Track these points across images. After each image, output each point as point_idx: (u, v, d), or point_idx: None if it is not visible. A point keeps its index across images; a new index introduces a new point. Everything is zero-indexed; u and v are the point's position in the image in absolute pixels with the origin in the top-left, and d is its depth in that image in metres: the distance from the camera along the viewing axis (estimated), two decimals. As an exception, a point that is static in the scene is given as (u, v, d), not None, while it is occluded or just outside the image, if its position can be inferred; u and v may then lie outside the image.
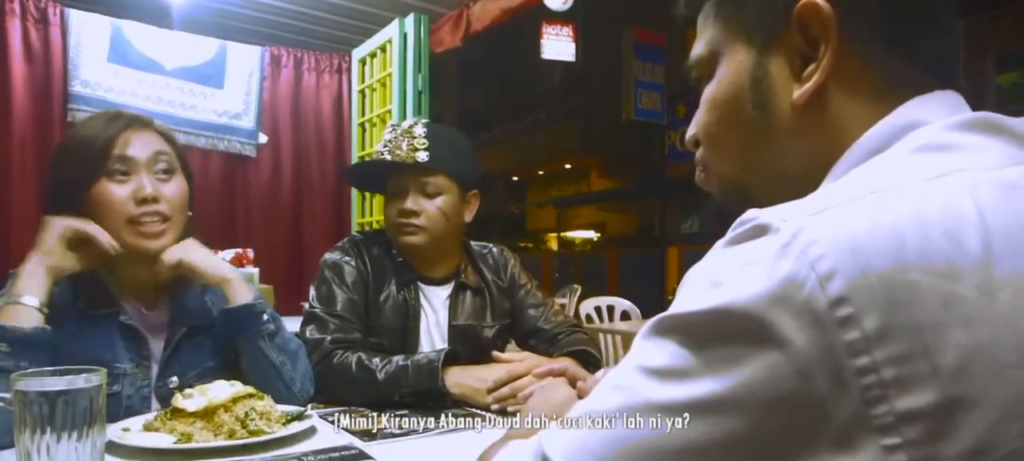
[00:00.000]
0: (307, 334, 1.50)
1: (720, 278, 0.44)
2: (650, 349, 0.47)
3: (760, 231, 0.44)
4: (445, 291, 1.64)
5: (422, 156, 1.53)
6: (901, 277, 0.40)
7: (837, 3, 0.52)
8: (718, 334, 0.43)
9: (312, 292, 1.58)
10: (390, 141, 1.56)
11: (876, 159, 0.50)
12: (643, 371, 0.46)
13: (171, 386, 1.27)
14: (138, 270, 1.29)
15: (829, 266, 0.40)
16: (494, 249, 1.74)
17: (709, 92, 0.61)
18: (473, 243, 1.73)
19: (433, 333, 1.61)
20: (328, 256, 1.62)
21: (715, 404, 0.42)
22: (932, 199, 0.43)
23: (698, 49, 0.62)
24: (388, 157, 1.55)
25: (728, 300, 0.43)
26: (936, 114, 0.50)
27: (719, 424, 0.42)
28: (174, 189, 1.28)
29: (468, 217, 1.63)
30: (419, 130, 1.55)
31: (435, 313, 1.62)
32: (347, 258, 1.60)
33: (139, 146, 1.25)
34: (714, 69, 0.61)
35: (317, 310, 1.53)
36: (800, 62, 0.55)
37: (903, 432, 0.39)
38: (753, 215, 0.46)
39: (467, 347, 1.57)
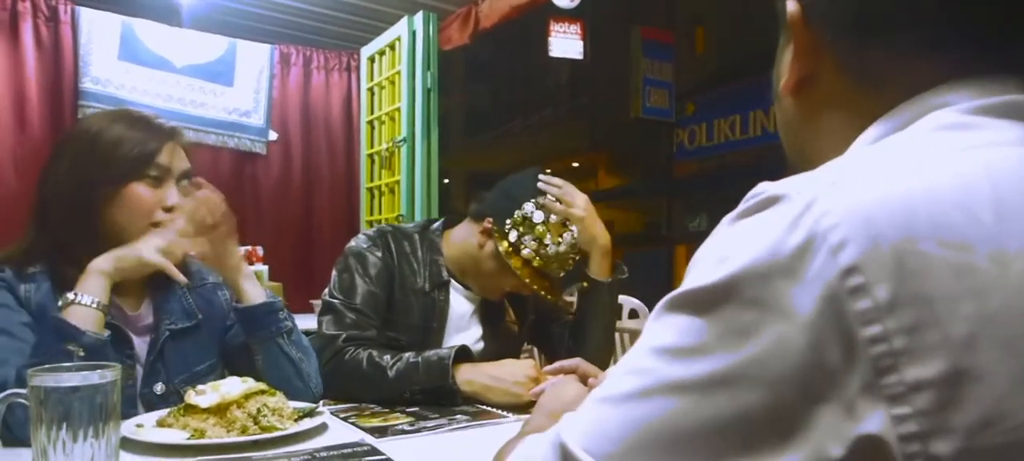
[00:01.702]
0: (323, 326, 1.49)
1: (729, 251, 0.44)
2: (661, 329, 0.46)
3: (771, 202, 0.44)
4: (477, 295, 1.62)
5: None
6: (913, 247, 0.40)
7: (816, 4, 0.55)
8: (728, 307, 0.43)
9: (333, 277, 1.55)
10: (558, 258, 1.52)
11: (893, 137, 0.50)
12: (656, 351, 0.46)
13: (157, 393, 1.27)
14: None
15: (840, 236, 0.40)
16: None
17: None
18: None
19: (456, 336, 1.58)
20: (354, 244, 1.59)
21: (728, 378, 0.42)
22: (946, 172, 0.43)
23: None
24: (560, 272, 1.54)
25: (737, 271, 0.42)
26: (959, 97, 0.50)
27: (733, 398, 0.42)
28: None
29: None
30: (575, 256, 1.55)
31: (463, 316, 1.61)
32: (374, 249, 1.56)
33: (177, 159, 1.29)
34: None
35: (336, 301, 1.50)
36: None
37: (913, 401, 0.39)
38: (763, 188, 0.46)
39: (499, 344, 1.59)
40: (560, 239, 1.49)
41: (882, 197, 0.42)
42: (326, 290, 1.56)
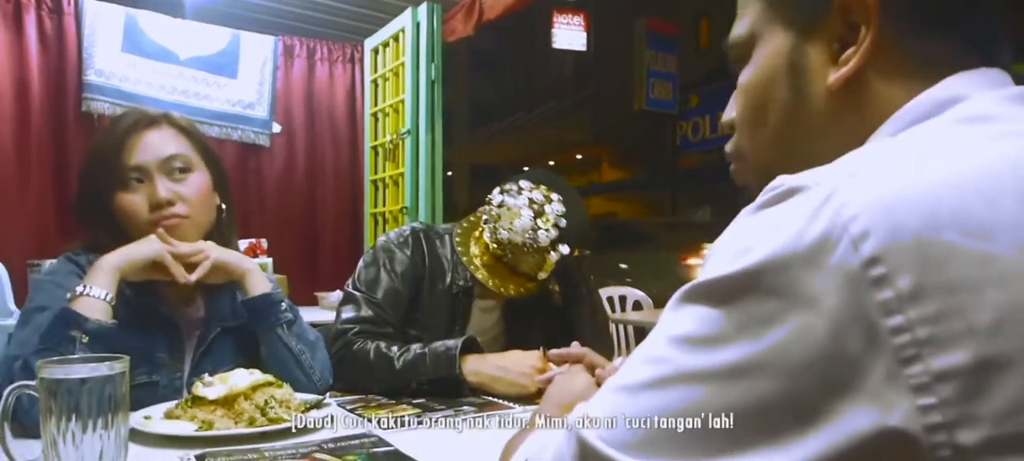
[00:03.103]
0: (342, 315, 1.49)
1: (749, 242, 0.44)
2: (679, 318, 0.46)
3: (791, 193, 0.44)
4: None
5: (564, 249, 1.48)
6: (935, 237, 0.40)
7: None
8: (748, 297, 0.43)
9: (359, 269, 1.55)
10: (534, 230, 1.45)
11: (915, 128, 0.50)
12: (673, 341, 0.46)
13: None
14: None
15: (862, 227, 0.40)
16: None
17: (746, 76, 0.61)
18: None
19: (479, 337, 1.56)
20: (383, 240, 1.58)
21: (748, 367, 0.42)
22: (968, 163, 0.43)
23: (738, 30, 0.62)
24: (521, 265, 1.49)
25: (757, 262, 0.42)
26: (979, 88, 0.50)
27: (753, 387, 0.42)
28: (192, 187, 1.29)
29: None
30: (563, 224, 1.47)
31: (488, 318, 1.60)
32: (404, 247, 1.55)
33: (150, 150, 1.27)
34: (748, 50, 0.61)
35: (358, 293, 1.50)
36: (838, 47, 0.55)
37: (938, 391, 0.38)
38: (783, 179, 0.45)
39: (521, 344, 1.57)
40: (512, 226, 1.45)
41: (903, 188, 0.42)
42: (349, 281, 1.55)
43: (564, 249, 1.48)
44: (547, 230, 1.45)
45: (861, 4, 0.52)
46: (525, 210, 1.46)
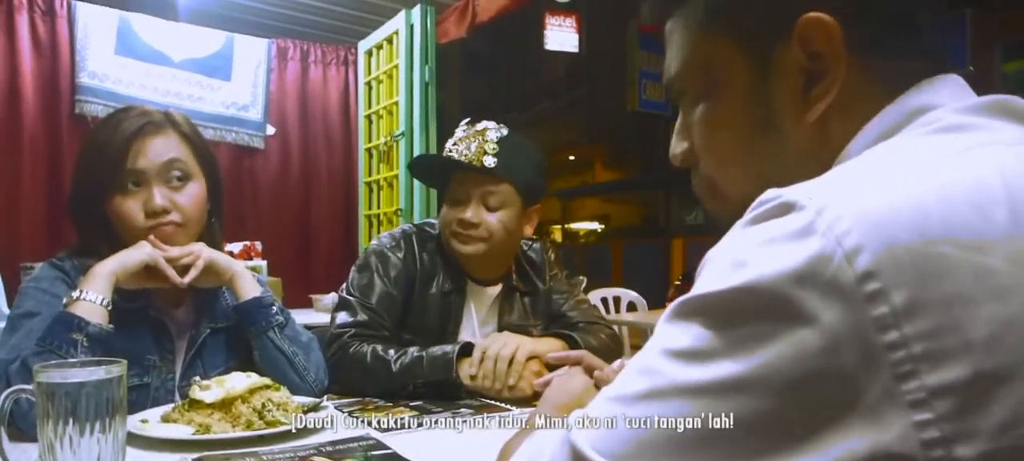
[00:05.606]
0: (337, 319, 1.49)
1: (743, 257, 0.43)
2: (674, 332, 0.46)
3: (784, 209, 0.44)
4: (494, 292, 1.62)
5: (489, 162, 1.45)
6: (929, 251, 0.39)
7: (839, 14, 0.52)
8: (743, 313, 0.42)
9: (352, 274, 1.55)
10: (460, 140, 1.49)
11: (891, 141, 0.50)
12: (667, 354, 0.45)
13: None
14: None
15: (856, 242, 0.40)
16: (535, 245, 1.72)
17: (708, 111, 0.60)
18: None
19: (474, 339, 1.55)
20: (376, 243, 1.58)
21: (742, 384, 0.42)
22: (956, 173, 0.43)
23: (679, 63, 0.61)
24: (455, 156, 1.48)
25: (752, 278, 0.42)
26: (945, 98, 0.50)
27: (747, 403, 0.41)
28: (188, 197, 1.28)
29: (528, 231, 1.59)
30: (492, 134, 1.48)
31: (480, 316, 1.60)
32: (396, 250, 1.55)
33: (151, 155, 1.25)
34: (700, 85, 0.60)
35: (352, 298, 1.50)
36: (804, 77, 0.54)
37: (935, 407, 0.38)
38: (775, 194, 0.45)
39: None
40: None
41: (894, 200, 0.41)
42: (343, 286, 1.55)
43: (493, 134, 1.50)
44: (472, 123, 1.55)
45: (824, 34, 0.52)
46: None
